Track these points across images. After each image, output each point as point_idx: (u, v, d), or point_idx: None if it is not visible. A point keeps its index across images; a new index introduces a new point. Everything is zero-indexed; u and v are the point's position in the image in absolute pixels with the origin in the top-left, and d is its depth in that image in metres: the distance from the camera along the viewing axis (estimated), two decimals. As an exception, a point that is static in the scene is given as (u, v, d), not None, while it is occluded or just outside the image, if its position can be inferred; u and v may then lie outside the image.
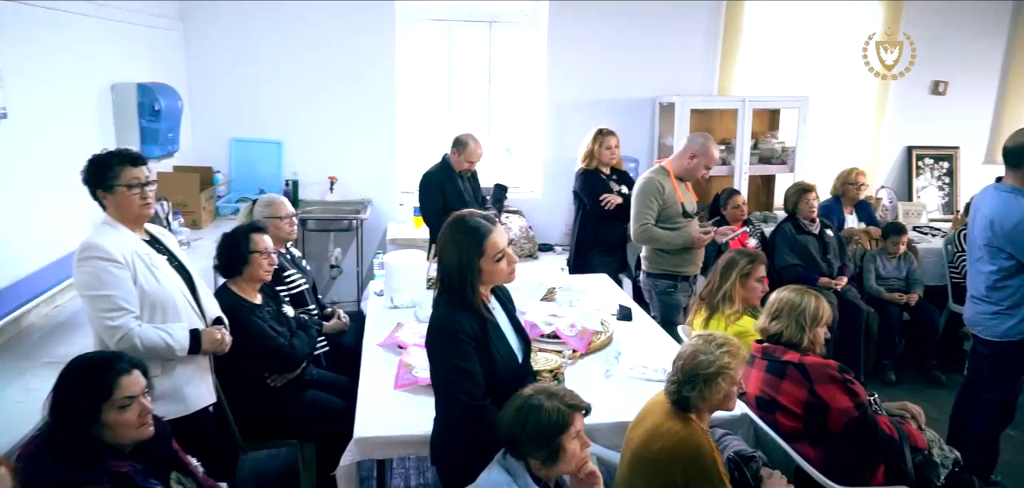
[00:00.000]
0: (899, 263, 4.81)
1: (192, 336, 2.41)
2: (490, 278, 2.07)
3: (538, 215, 5.51)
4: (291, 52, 5.09)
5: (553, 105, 5.41)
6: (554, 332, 3.08)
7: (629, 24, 5.32)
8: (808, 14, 5.57)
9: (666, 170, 3.74)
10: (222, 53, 5.03)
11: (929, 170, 6.00)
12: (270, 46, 5.07)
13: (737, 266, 3.06)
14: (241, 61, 5.06)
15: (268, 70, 5.10)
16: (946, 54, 5.79)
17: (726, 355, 2.03)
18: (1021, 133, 3.02)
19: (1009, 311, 3.04)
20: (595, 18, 5.28)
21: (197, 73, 5.04)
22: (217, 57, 5.03)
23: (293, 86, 5.14)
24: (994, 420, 3.21)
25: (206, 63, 5.03)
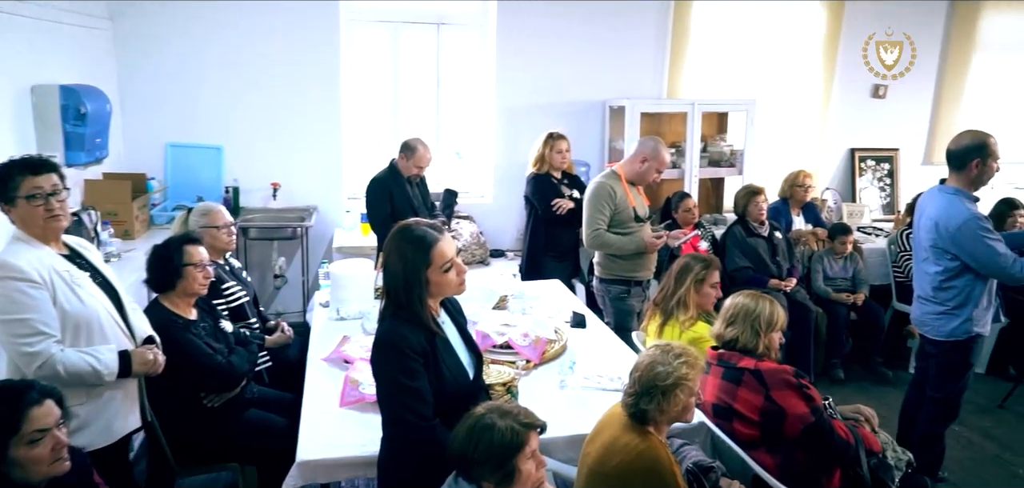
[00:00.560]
0: (845, 263, 4.88)
1: (121, 358, 2.24)
2: (438, 290, 1.97)
3: (489, 220, 5.43)
4: (231, 53, 4.89)
5: (503, 109, 5.33)
6: (507, 342, 3.00)
7: (578, 27, 5.29)
8: (753, 17, 5.62)
9: (617, 174, 3.70)
10: (156, 54, 4.79)
11: (871, 171, 6.13)
12: (208, 47, 4.85)
13: (692, 271, 3.02)
14: (177, 62, 4.83)
15: (206, 72, 4.88)
16: (886, 56, 5.92)
17: (684, 366, 1.98)
18: (964, 136, 3.06)
19: (954, 311, 3.08)
20: (544, 20, 5.23)
21: (129, 75, 4.78)
22: (150, 58, 4.79)
23: (233, 89, 4.94)
24: (940, 418, 3.25)
25: (138, 64, 4.78)
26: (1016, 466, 3.73)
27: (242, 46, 4.89)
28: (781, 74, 5.82)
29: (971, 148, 3.00)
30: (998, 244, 2.95)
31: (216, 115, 4.95)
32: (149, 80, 4.81)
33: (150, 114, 4.85)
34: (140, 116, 4.84)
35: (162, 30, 4.76)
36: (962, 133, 3.09)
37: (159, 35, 4.76)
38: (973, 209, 3.00)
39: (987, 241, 2.94)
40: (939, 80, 6.10)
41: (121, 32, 4.73)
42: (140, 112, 4.83)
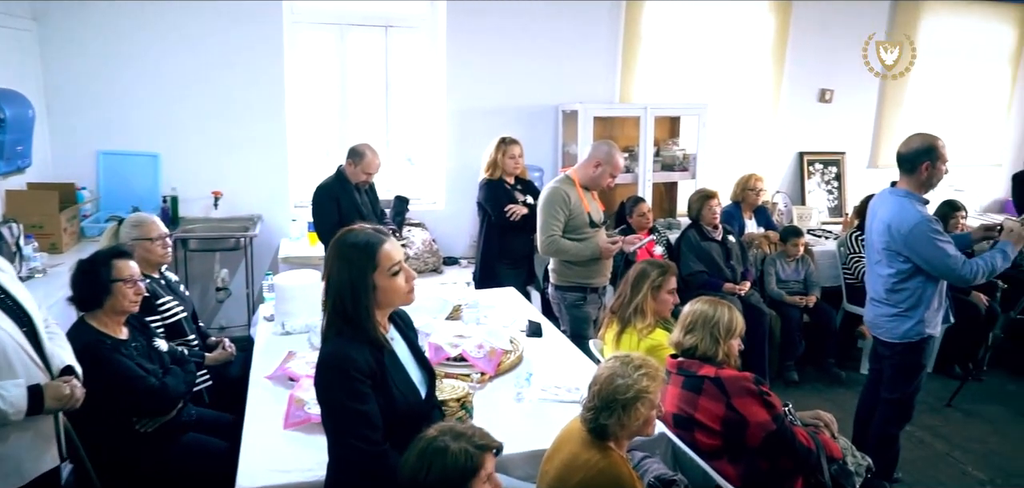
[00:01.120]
0: (797, 266, 4.92)
1: (31, 394, 2.02)
2: (386, 297, 1.84)
3: (442, 227, 5.30)
4: (167, 56, 4.66)
5: (454, 113, 5.22)
6: (461, 355, 2.89)
7: (529, 30, 5.22)
8: (703, 20, 5.64)
9: (571, 179, 3.63)
10: (86, 57, 4.53)
11: (819, 174, 6.22)
12: (142, 49, 4.61)
13: (648, 278, 2.97)
14: (109, 66, 4.58)
15: (141, 76, 4.64)
16: (831, 62, 6.03)
17: (644, 378, 1.90)
18: (913, 139, 3.09)
19: (907, 313, 3.10)
20: (494, 23, 5.14)
21: (56, 79, 4.51)
22: (80, 61, 4.53)
23: (170, 93, 4.71)
24: (894, 419, 3.27)
25: (67, 68, 4.51)
26: (965, 464, 3.78)
27: (179, 48, 4.67)
28: (731, 78, 5.86)
29: (921, 151, 3.02)
30: (949, 246, 2.98)
31: (152, 121, 4.71)
32: (78, 85, 4.55)
33: (80, 120, 4.59)
34: (69, 123, 4.57)
35: (91, 32, 4.51)
36: (912, 136, 3.11)
37: (88, 37, 4.51)
38: (924, 211, 3.03)
39: (938, 243, 2.96)
40: (882, 83, 6.23)
41: (46, 34, 4.45)
42: (69, 118, 4.57)
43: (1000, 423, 4.25)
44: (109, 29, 4.54)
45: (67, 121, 4.56)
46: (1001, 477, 3.67)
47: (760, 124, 6.00)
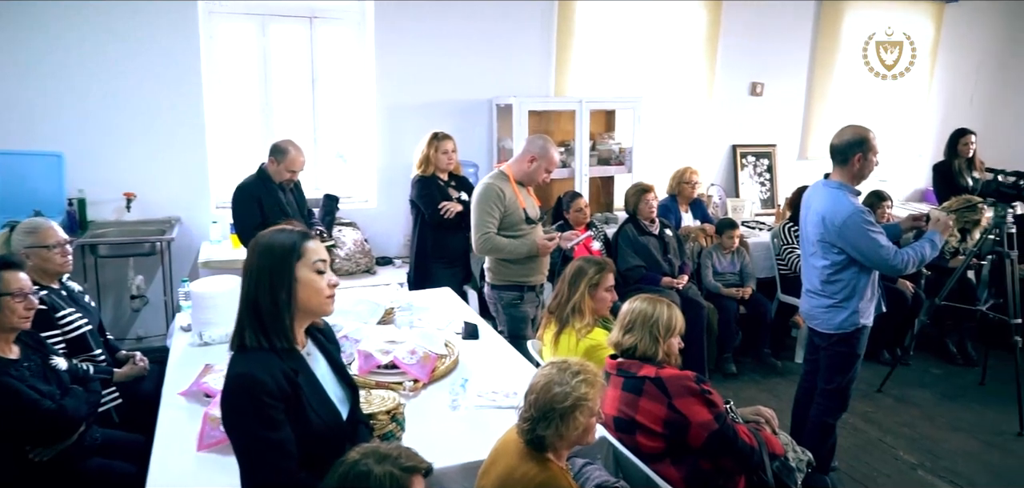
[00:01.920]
0: (733, 258, 4.95)
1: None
2: (307, 295, 1.69)
3: (374, 226, 5.12)
4: (70, 49, 4.32)
5: (384, 108, 5.03)
6: (392, 361, 2.73)
7: (462, 22, 5.08)
8: (636, 14, 5.61)
9: (506, 175, 3.52)
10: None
11: (751, 166, 6.30)
12: (41, 41, 4.26)
13: (585, 276, 2.88)
14: (4, 60, 4.21)
15: (41, 70, 4.29)
16: (761, 56, 6.10)
17: (583, 384, 1.80)
18: (846, 131, 3.09)
19: (842, 304, 3.11)
20: (425, 15, 4.97)
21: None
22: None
23: (74, 89, 4.37)
24: (831, 409, 3.28)
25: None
26: (897, 449, 3.86)
27: (83, 40, 4.34)
28: (665, 71, 5.85)
29: (853, 142, 3.03)
30: (881, 237, 3.00)
31: (54, 118, 4.37)
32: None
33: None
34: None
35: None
36: (844, 128, 3.12)
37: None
38: (857, 203, 3.04)
39: (871, 234, 2.98)
40: (810, 76, 6.34)
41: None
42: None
43: (927, 407, 4.37)
44: (4, 21, 4.17)
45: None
46: (930, 460, 3.75)
47: (694, 117, 6.02)
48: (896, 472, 3.63)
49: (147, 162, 4.58)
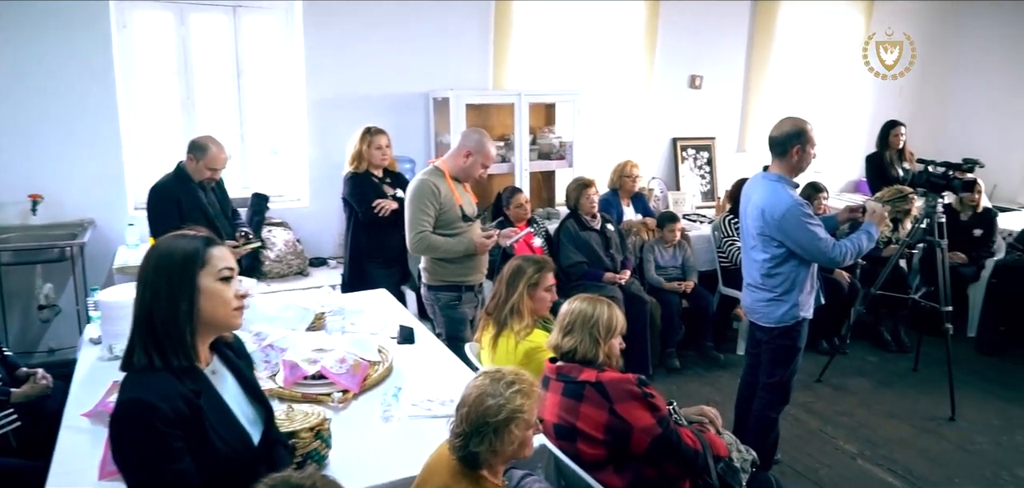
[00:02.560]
0: (675, 252, 4.92)
1: None
2: (211, 307, 1.53)
3: (307, 226, 4.89)
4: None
5: (315, 102, 4.81)
6: (320, 372, 2.56)
7: (396, 12, 4.88)
8: (575, 6, 5.52)
9: (441, 171, 3.37)
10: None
11: (692, 159, 6.30)
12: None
13: (524, 275, 2.76)
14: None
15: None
16: (700, 50, 6.10)
17: (518, 395, 1.68)
18: (784, 122, 3.06)
19: (782, 297, 3.08)
20: (357, 5, 4.76)
21: None
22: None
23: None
24: (774, 403, 3.26)
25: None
26: (837, 439, 3.88)
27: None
28: (604, 64, 5.79)
29: (792, 134, 3.00)
30: (819, 229, 2.98)
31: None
32: None
33: None
34: None
35: None
36: (782, 120, 3.09)
37: None
38: (795, 195, 3.01)
39: (809, 227, 2.95)
40: (747, 69, 6.38)
41: None
42: None
43: (864, 395, 4.42)
44: None
45: None
46: (869, 448, 3.78)
47: (634, 110, 5.98)
48: (837, 462, 3.64)
49: (55, 161, 4.25)
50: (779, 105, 6.30)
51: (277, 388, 2.51)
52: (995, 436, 3.95)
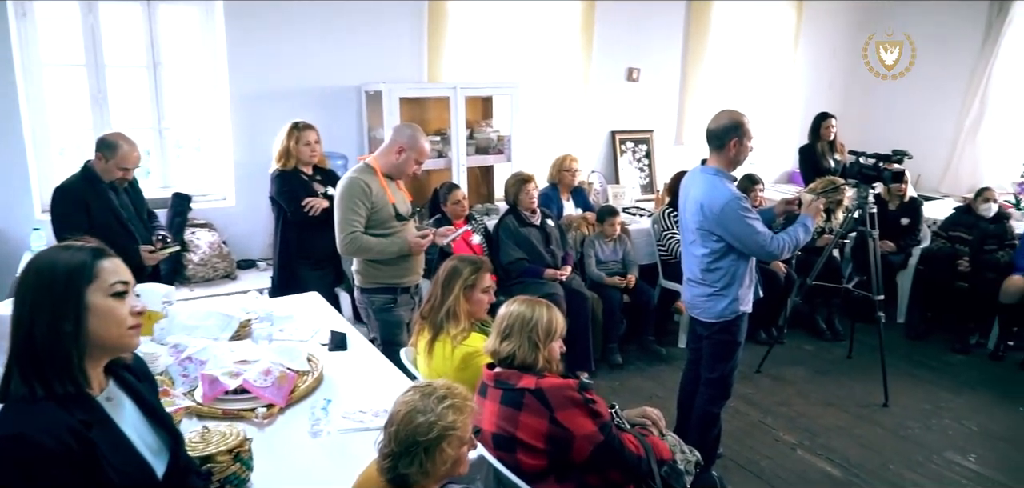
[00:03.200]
0: (615, 246, 4.88)
1: None
2: (103, 327, 1.36)
3: (235, 226, 4.65)
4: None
5: (240, 97, 4.56)
6: (242, 386, 2.39)
7: (325, 2, 4.68)
8: None
9: (372, 168, 3.21)
10: None
11: (630, 152, 6.29)
12: None
13: (460, 277, 2.64)
14: None
15: None
16: (637, 42, 6.08)
17: (450, 411, 1.57)
18: (722, 115, 3.03)
19: (722, 292, 3.06)
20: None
21: None
22: None
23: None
24: (715, 398, 3.24)
25: None
26: (776, 430, 3.91)
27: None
28: (542, 56, 5.71)
29: (729, 127, 2.97)
30: (757, 223, 2.97)
31: None
32: None
33: None
34: None
35: None
36: (720, 113, 3.06)
37: None
38: (733, 189, 2.99)
39: (748, 221, 2.93)
40: (683, 62, 6.40)
41: None
42: None
43: (802, 384, 4.48)
44: None
45: None
46: (808, 438, 3.82)
47: (572, 103, 5.92)
48: (778, 454, 3.66)
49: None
50: (715, 97, 6.34)
51: (196, 405, 2.34)
52: (925, 420, 4.05)
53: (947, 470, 3.55)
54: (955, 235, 5.32)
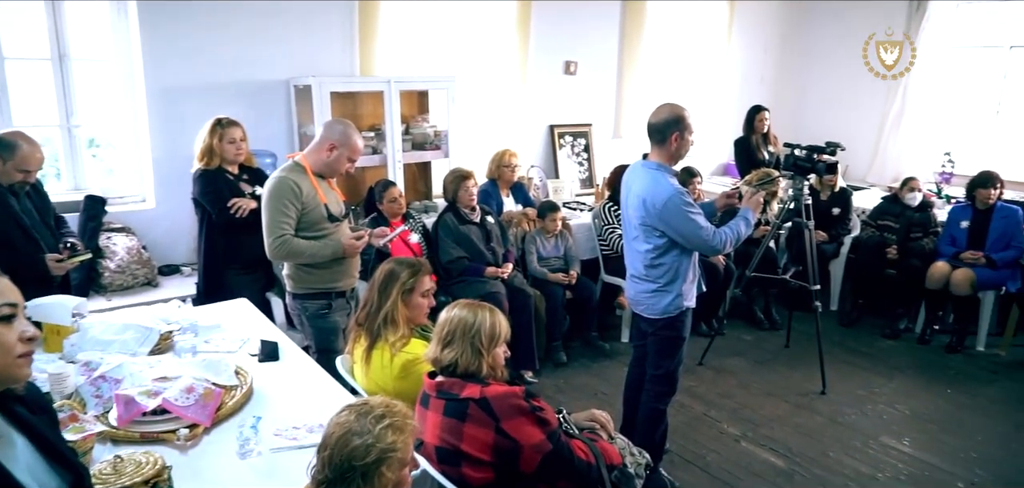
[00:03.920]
0: (557, 241, 4.81)
1: None
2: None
3: (155, 230, 4.37)
4: None
5: (157, 92, 4.27)
6: (162, 406, 2.20)
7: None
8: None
9: (302, 167, 3.03)
10: None
11: (569, 146, 6.24)
12: None
13: (397, 280, 2.50)
14: None
15: None
16: (574, 36, 6.03)
17: (389, 431, 1.45)
18: (662, 109, 2.99)
19: (666, 287, 3.02)
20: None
21: None
22: None
23: None
24: (661, 395, 3.20)
25: None
26: (721, 422, 3.92)
27: None
28: (479, 50, 5.59)
29: (671, 121, 2.93)
30: (699, 217, 2.94)
31: None
32: None
33: None
34: None
35: None
36: (660, 107, 3.02)
37: None
38: (675, 184, 2.94)
39: (691, 216, 2.90)
40: (620, 55, 6.39)
41: None
42: None
43: (743, 375, 4.52)
44: None
45: None
46: (751, 429, 3.84)
47: (510, 97, 5.82)
48: (722, 446, 3.67)
49: None
50: (652, 90, 6.37)
51: (110, 430, 2.14)
52: (861, 406, 4.14)
53: (884, 455, 3.63)
54: (883, 224, 5.47)
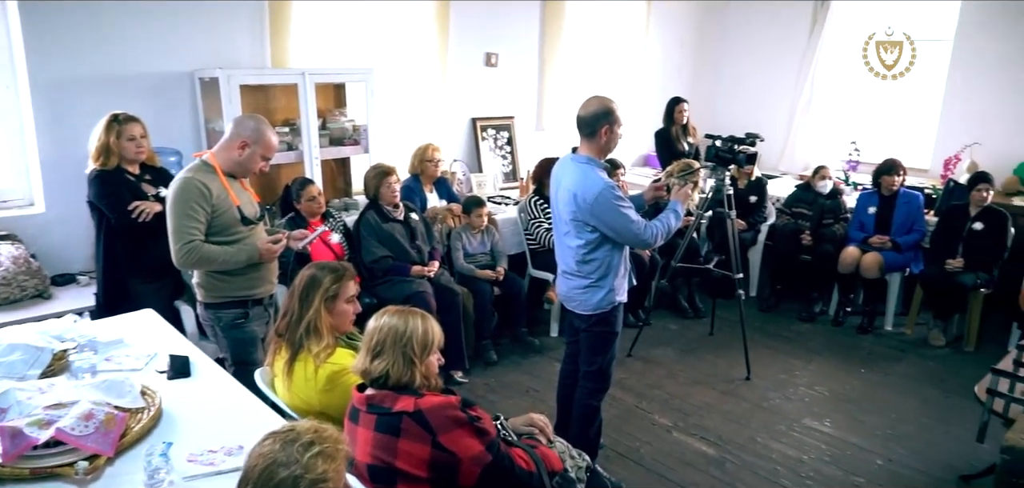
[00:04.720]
0: (483, 237, 4.72)
1: None
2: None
3: (46, 237, 4.01)
4: None
5: (42, 85, 3.89)
6: (57, 437, 1.98)
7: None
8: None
9: (211, 166, 2.81)
10: None
11: (492, 139, 6.15)
12: None
13: (319, 286, 2.34)
14: None
15: None
16: (494, 26, 5.94)
17: (319, 459, 1.32)
18: (591, 102, 2.94)
19: (598, 283, 2.98)
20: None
21: None
22: None
23: None
24: (594, 391, 3.17)
25: None
26: (652, 414, 3.93)
27: None
28: (397, 41, 5.41)
29: (600, 114, 2.89)
30: (630, 211, 2.91)
31: None
32: None
33: None
34: None
35: None
36: (589, 99, 2.96)
37: None
38: (606, 178, 2.90)
39: (622, 210, 2.87)
40: (540, 47, 6.34)
41: None
42: None
43: (671, 365, 4.56)
44: None
45: None
46: (681, 419, 3.87)
47: (431, 89, 5.68)
48: (655, 438, 3.68)
49: None
50: (573, 82, 6.35)
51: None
52: (783, 390, 4.25)
53: (808, 437, 3.73)
54: (797, 211, 5.66)
